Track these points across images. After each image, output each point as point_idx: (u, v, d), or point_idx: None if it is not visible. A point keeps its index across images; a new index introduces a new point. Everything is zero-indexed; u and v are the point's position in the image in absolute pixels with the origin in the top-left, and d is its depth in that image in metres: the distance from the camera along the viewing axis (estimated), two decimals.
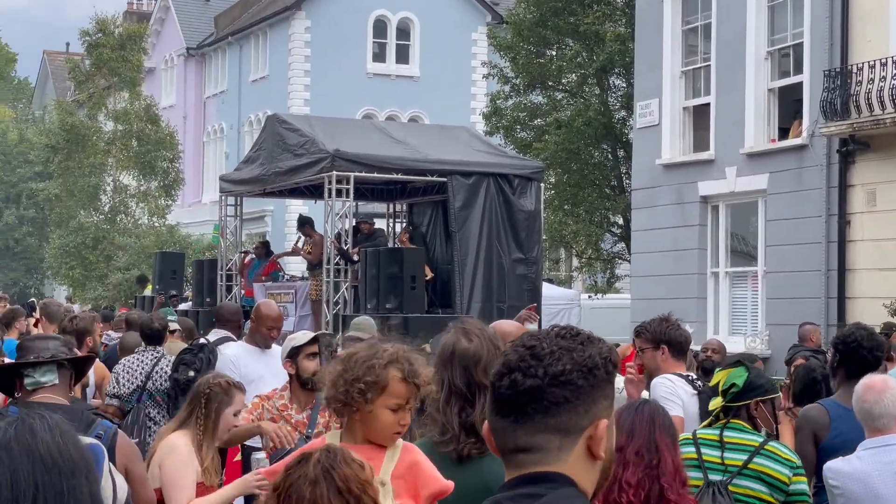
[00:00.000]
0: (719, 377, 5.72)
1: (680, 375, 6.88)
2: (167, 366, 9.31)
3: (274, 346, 8.62)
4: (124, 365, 9.51)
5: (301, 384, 6.62)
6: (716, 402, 5.72)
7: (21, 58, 75.33)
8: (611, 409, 2.34)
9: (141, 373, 9.39)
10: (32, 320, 12.35)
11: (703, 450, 5.50)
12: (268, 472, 4.53)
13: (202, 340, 9.56)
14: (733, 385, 5.58)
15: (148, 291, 26.07)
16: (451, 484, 4.04)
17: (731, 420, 5.58)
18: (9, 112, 57.09)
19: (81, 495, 3.31)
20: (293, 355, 6.66)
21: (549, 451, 2.28)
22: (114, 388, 9.42)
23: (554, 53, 29.86)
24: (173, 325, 10.89)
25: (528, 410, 2.28)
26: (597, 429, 2.28)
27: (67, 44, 62.74)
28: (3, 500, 3.24)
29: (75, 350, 6.06)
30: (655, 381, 6.89)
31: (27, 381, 4.82)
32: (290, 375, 6.70)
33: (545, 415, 2.27)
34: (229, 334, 9.98)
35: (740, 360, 5.91)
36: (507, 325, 6.62)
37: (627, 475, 4.38)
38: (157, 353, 9.60)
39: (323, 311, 17.94)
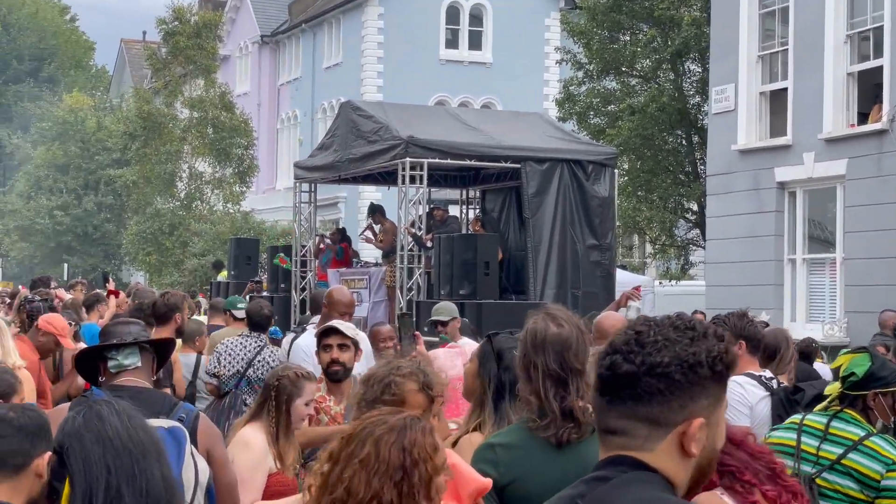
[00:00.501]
0: (841, 361, 5.50)
1: (752, 375, 6.68)
2: (270, 355, 9.39)
3: None
4: (227, 346, 9.55)
5: (328, 377, 6.66)
6: (833, 388, 5.51)
7: (98, 46, 76.53)
8: (714, 409, 2.30)
9: (243, 358, 9.45)
10: (112, 299, 12.45)
11: (804, 438, 5.37)
12: None
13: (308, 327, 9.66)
14: (853, 374, 5.37)
15: (222, 277, 26.31)
16: (488, 482, 4.06)
17: (845, 409, 5.39)
18: (87, 100, 57.80)
19: (153, 477, 3.37)
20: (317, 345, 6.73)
21: (636, 438, 2.28)
22: (214, 367, 9.48)
23: (628, 38, 29.63)
24: (240, 313, 10.95)
25: (622, 394, 2.29)
26: (690, 426, 2.26)
27: (144, 32, 63.53)
28: (78, 485, 3.30)
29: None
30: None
31: (111, 363, 4.87)
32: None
33: (636, 402, 2.27)
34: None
35: (866, 348, 5.66)
36: (609, 319, 6.62)
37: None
38: (261, 341, 9.66)
39: (397, 297, 17.98)
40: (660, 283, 31.11)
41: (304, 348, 8.77)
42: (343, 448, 3.31)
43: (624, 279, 22.66)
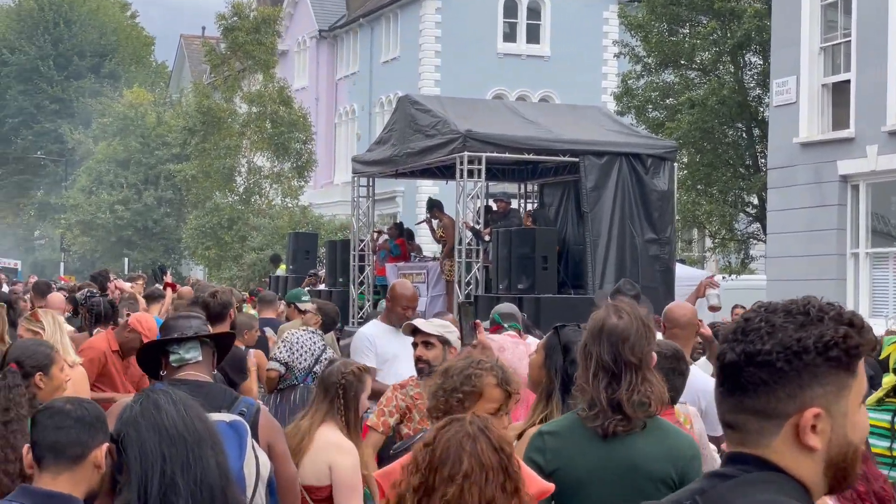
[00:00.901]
0: (889, 350, 5.30)
1: None
2: (331, 356, 9.43)
3: None
4: (300, 339, 9.59)
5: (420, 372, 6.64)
6: (889, 380, 5.28)
7: (158, 42, 77.20)
8: (836, 398, 2.14)
9: (313, 354, 9.49)
10: (169, 292, 12.56)
11: (870, 440, 5.05)
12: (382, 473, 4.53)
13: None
14: None
15: (281, 271, 26.43)
16: (551, 486, 4.06)
17: None
18: (147, 95, 58.30)
19: (208, 465, 3.40)
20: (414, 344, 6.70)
21: (750, 433, 2.17)
22: (285, 355, 9.50)
23: (687, 31, 29.39)
24: (306, 305, 10.98)
25: (730, 386, 2.19)
26: (802, 417, 2.12)
27: (203, 27, 64.04)
28: (134, 471, 3.35)
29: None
30: None
31: (172, 357, 4.90)
32: None
33: (743, 394, 2.17)
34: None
35: None
36: (680, 309, 6.55)
37: None
38: (324, 340, 9.72)
39: (455, 290, 17.97)
40: (723, 277, 30.87)
41: (367, 336, 8.83)
42: (431, 468, 3.30)
43: (683, 274, 22.52)
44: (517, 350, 7.56)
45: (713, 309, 12.04)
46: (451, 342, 6.84)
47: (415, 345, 6.72)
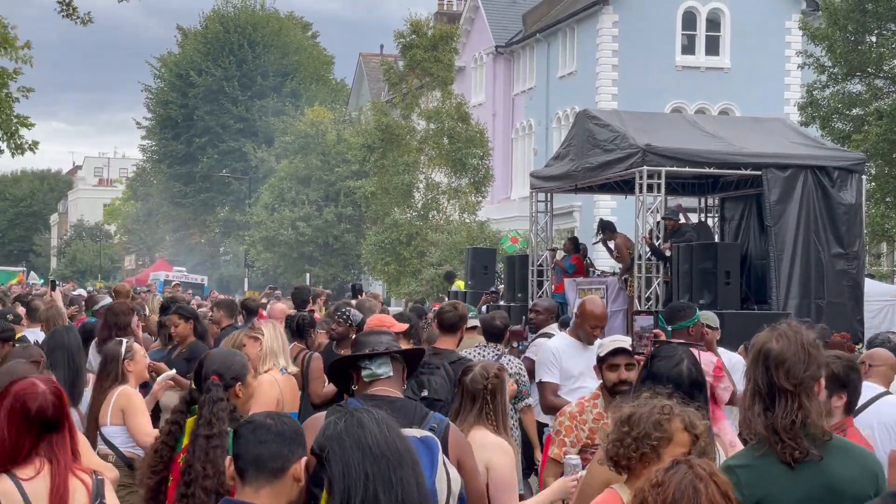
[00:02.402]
0: None
1: None
2: (507, 363, 9.44)
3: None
4: (474, 357, 9.62)
5: (609, 392, 6.48)
6: None
7: (337, 60, 78.63)
8: None
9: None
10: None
11: None
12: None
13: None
14: None
15: (458, 287, 26.56)
16: None
17: None
18: (327, 113, 59.44)
19: (408, 485, 3.43)
20: (600, 362, 6.55)
21: None
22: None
23: (874, 39, 28.59)
24: (473, 322, 11.02)
25: None
26: None
27: (382, 45, 64.95)
28: (337, 487, 3.39)
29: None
30: None
31: (364, 372, 4.94)
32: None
33: None
34: (546, 330, 10.07)
35: None
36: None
37: None
38: (498, 351, 9.72)
39: (635, 306, 17.81)
40: None
41: (552, 351, 8.81)
42: None
43: (872, 289, 21.85)
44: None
45: None
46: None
47: (614, 366, 6.46)
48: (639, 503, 3.39)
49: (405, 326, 7.62)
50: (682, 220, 19.57)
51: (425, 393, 7.17)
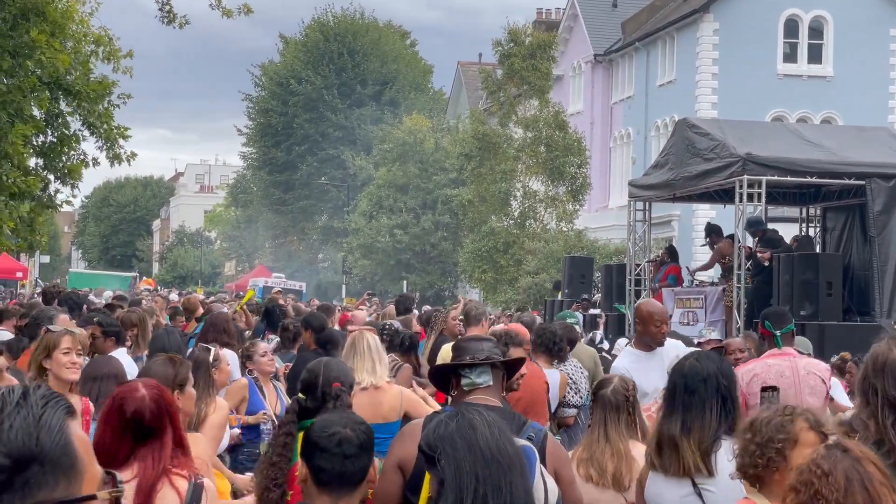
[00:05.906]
0: None
1: None
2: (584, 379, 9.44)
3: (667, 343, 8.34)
4: (572, 374, 9.56)
5: None
6: None
7: (436, 69, 78.83)
8: None
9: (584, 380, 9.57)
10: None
11: None
12: None
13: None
14: None
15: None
16: None
17: None
18: (426, 122, 59.67)
19: (517, 490, 3.43)
20: None
21: None
22: (574, 398, 9.45)
23: None
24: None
25: None
26: None
27: (480, 54, 65.08)
28: (449, 488, 3.40)
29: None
30: None
31: (464, 381, 4.93)
32: None
33: None
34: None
35: None
36: None
37: None
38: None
39: (734, 316, 17.64)
40: None
41: (621, 370, 8.53)
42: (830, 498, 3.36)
43: None
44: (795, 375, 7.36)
45: None
46: None
47: None
48: (811, 495, 3.36)
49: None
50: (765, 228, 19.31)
51: None
